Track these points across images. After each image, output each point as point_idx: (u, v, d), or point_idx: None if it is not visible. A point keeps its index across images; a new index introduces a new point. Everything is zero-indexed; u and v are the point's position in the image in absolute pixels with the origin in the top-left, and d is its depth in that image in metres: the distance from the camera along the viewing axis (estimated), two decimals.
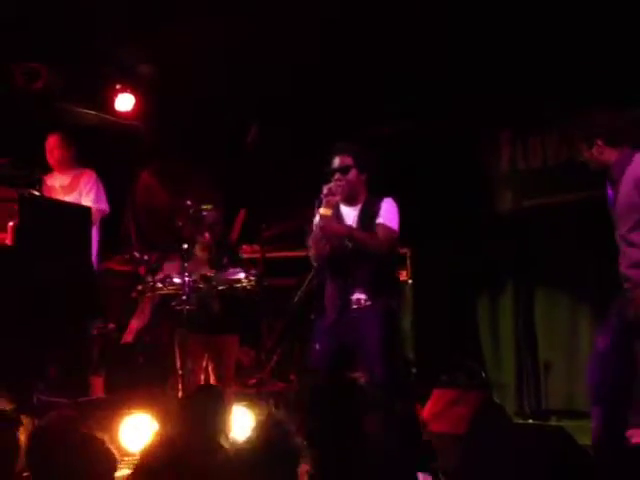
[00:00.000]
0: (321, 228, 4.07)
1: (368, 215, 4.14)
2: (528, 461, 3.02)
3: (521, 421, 5.55)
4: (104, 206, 5.64)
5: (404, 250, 6.46)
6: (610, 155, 3.73)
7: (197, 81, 5.98)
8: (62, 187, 5.61)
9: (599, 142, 3.73)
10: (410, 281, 6.44)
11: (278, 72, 5.89)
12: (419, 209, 5.97)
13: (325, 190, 4.09)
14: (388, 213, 4.14)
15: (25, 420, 3.92)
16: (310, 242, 4.21)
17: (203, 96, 6.13)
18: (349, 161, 4.14)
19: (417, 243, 6.27)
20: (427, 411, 4.60)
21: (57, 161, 5.66)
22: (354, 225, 4.15)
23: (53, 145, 5.68)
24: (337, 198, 4.12)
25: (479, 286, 6.45)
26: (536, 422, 5.54)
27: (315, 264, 4.26)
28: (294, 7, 5.25)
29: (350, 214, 4.19)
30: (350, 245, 4.09)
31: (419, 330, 6.25)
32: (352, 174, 4.14)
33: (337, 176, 4.13)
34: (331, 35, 5.43)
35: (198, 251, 4.96)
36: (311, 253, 4.23)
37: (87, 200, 5.50)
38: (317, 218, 4.16)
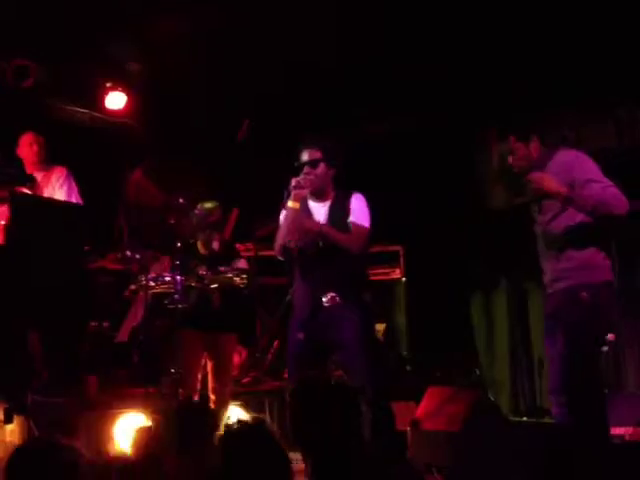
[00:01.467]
0: (292, 223, 3.99)
1: (338, 211, 4.08)
2: (523, 458, 3.03)
3: (516, 419, 5.56)
4: (77, 200, 5.60)
5: (397, 248, 6.47)
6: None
7: (188, 78, 5.96)
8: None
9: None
10: (404, 279, 6.44)
11: (271, 69, 5.88)
12: (412, 207, 5.97)
13: (293, 182, 4.02)
14: (359, 211, 4.08)
15: (18, 420, 3.91)
16: (278, 235, 4.16)
17: (195, 93, 6.11)
18: (318, 155, 4.08)
19: (410, 241, 6.27)
20: (421, 409, 4.60)
21: (31, 160, 5.55)
22: (323, 221, 4.08)
23: (32, 141, 5.58)
24: (305, 192, 4.06)
25: (473, 284, 6.45)
26: (531, 420, 5.55)
27: (281, 257, 4.20)
28: (287, 2, 5.25)
29: (319, 210, 4.12)
30: (321, 244, 4.03)
31: (413, 328, 6.26)
32: (321, 168, 4.08)
33: (306, 169, 4.07)
34: (327, 31, 5.42)
35: (201, 249, 4.94)
36: (276, 245, 4.17)
37: (60, 195, 5.45)
38: (284, 211, 4.11)
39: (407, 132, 6.29)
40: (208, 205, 4.96)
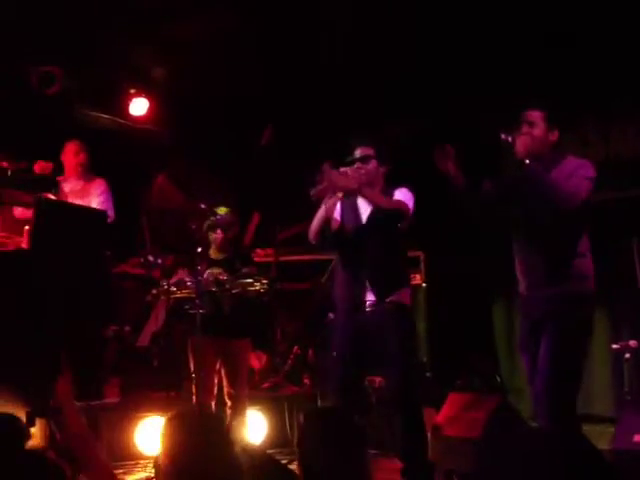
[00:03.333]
0: (329, 182, 3.96)
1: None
2: (544, 465, 3.01)
3: (537, 425, 5.51)
4: (111, 213, 5.65)
5: (418, 254, 6.45)
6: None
7: (211, 84, 6.00)
8: (72, 192, 5.62)
9: None
10: (424, 285, 6.42)
11: (292, 73, 5.90)
12: (433, 212, 5.96)
13: (341, 169, 4.06)
14: (403, 194, 4.13)
15: (40, 423, 3.94)
16: (314, 219, 4.17)
17: (217, 99, 6.15)
18: (370, 152, 4.15)
19: (431, 246, 6.25)
20: (442, 415, 4.58)
21: (80, 165, 5.63)
22: (367, 213, 4.12)
23: (78, 149, 5.66)
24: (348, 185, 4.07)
25: (494, 290, 6.42)
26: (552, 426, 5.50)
27: (313, 241, 4.23)
28: (307, 8, 5.27)
29: (366, 206, 4.15)
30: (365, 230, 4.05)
31: (433, 334, 6.23)
32: (372, 165, 4.14)
33: (357, 165, 4.11)
34: (344, 38, 5.44)
35: (212, 253, 4.97)
36: (312, 229, 4.18)
37: (96, 206, 5.51)
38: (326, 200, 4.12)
39: (429, 136, 6.27)
40: (220, 210, 5.01)
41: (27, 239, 4.56)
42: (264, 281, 4.87)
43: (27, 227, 4.60)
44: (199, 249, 4.85)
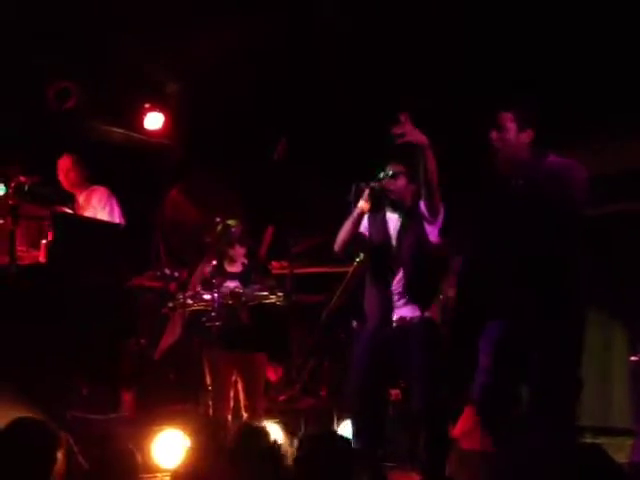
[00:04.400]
0: (405, 131, 3.80)
1: (410, 220, 4.13)
2: (563, 478, 2.98)
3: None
4: (119, 220, 5.68)
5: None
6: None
7: (224, 98, 6.03)
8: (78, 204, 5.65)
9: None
10: (441, 296, 6.40)
11: (308, 88, 5.92)
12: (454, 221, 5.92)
13: (372, 184, 4.08)
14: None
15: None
16: (340, 231, 4.17)
17: (231, 113, 6.17)
18: (401, 169, 4.17)
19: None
20: (459, 428, 4.56)
21: (72, 182, 5.68)
22: (395, 230, 4.15)
23: (68, 167, 5.70)
24: (366, 206, 4.08)
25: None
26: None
27: (339, 254, 4.24)
28: (318, 24, 5.30)
29: (395, 220, 4.18)
30: (394, 245, 4.08)
31: (450, 347, 6.20)
32: (401, 181, 4.17)
33: (387, 181, 4.13)
34: (359, 51, 5.45)
35: (228, 266, 4.97)
36: (338, 241, 4.19)
37: (102, 216, 5.53)
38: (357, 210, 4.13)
39: (461, 146, 6.24)
40: (230, 222, 5.03)
41: (44, 252, 4.59)
42: (280, 293, 4.88)
43: (44, 241, 4.64)
44: (214, 262, 4.86)
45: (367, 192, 4.10)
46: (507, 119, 3.58)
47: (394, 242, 4.14)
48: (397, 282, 4.08)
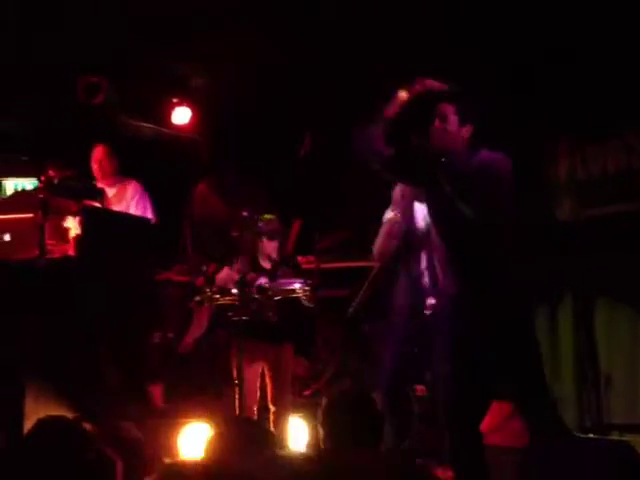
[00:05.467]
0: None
1: None
2: (591, 476, 2.96)
3: (582, 435, 5.44)
4: (151, 216, 5.71)
5: None
6: None
7: (252, 92, 6.04)
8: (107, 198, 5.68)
9: None
10: None
11: (333, 83, 5.91)
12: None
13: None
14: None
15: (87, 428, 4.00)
16: (378, 241, 4.18)
17: (258, 107, 6.19)
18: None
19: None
20: (485, 424, 4.54)
21: (105, 172, 5.70)
22: (423, 220, 4.13)
23: (102, 156, 5.73)
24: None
25: (537, 298, 6.34)
26: (597, 436, 5.42)
27: (380, 263, 4.24)
28: (345, 20, 5.28)
29: (422, 209, 4.16)
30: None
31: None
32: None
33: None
34: (384, 46, 5.43)
35: (259, 261, 5.00)
36: (376, 251, 4.19)
37: (135, 211, 5.57)
38: (386, 216, 4.13)
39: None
40: (264, 217, 5.04)
41: (73, 246, 4.65)
42: (306, 288, 4.89)
43: (73, 235, 4.70)
44: (242, 257, 4.89)
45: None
46: (450, 111, 3.58)
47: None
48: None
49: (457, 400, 3.54)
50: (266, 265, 4.99)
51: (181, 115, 6.41)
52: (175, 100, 6.34)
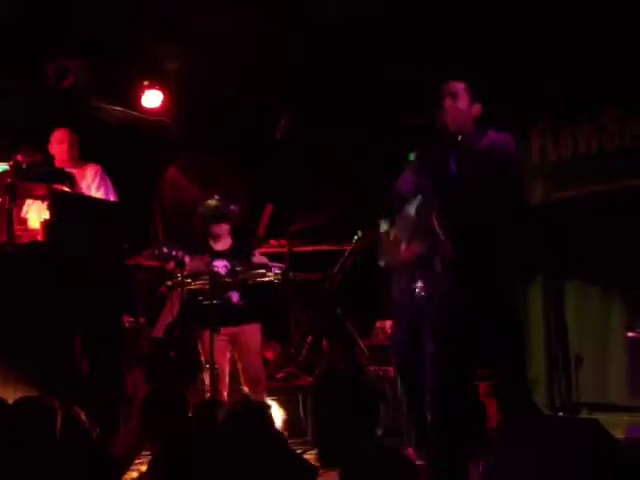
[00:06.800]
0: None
1: None
2: (562, 454, 3.00)
3: (551, 414, 5.51)
4: (114, 198, 5.64)
5: None
6: None
7: (224, 76, 5.99)
8: None
9: None
10: None
11: (306, 65, 5.88)
12: None
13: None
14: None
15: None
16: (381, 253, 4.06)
17: (230, 90, 6.14)
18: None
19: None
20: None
21: (65, 156, 5.57)
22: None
23: (62, 140, 5.61)
24: None
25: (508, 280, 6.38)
26: (567, 415, 5.50)
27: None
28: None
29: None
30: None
31: None
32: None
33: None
34: (365, 28, 5.40)
35: (214, 245, 5.01)
36: (384, 265, 4.07)
37: (96, 193, 5.48)
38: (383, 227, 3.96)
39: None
40: (211, 202, 5.07)
41: (42, 231, 4.58)
42: (277, 271, 4.89)
43: (42, 219, 4.63)
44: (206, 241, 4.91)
45: None
46: (462, 89, 3.59)
47: None
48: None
49: (441, 382, 3.54)
50: (219, 247, 4.99)
51: (152, 98, 6.33)
52: (146, 83, 6.27)
